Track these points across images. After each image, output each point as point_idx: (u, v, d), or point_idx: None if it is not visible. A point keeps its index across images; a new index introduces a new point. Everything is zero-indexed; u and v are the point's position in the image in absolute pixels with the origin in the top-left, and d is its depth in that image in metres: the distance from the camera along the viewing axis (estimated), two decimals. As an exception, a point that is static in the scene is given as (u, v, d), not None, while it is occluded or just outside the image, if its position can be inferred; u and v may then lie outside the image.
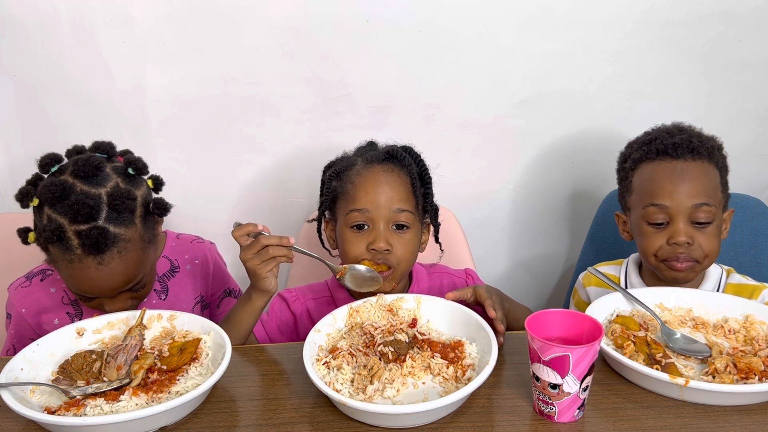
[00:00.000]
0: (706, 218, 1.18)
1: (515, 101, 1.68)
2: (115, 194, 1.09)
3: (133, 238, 1.11)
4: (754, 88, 1.69)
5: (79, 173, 1.08)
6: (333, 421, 0.91)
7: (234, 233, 1.11)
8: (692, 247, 1.18)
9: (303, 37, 1.59)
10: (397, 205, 1.20)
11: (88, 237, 1.05)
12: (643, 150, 1.26)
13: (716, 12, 1.60)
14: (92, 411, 0.90)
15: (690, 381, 0.89)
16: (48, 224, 1.06)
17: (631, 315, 1.12)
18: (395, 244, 1.19)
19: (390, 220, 1.20)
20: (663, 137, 1.24)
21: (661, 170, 1.22)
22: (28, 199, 1.09)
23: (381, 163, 1.23)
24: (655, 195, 1.20)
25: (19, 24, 1.57)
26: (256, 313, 1.16)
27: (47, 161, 1.12)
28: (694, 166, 1.20)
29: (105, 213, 1.08)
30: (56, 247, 1.07)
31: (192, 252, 1.39)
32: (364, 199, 1.19)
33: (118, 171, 1.14)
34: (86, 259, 1.07)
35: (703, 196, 1.18)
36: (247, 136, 1.70)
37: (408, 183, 1.23)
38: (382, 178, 1.21)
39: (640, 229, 1.24)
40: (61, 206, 1.06)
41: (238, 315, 1.17)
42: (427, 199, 1.27)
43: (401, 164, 1.24)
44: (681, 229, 1.18)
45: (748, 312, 1.09)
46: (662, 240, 1.20)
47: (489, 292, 1.12)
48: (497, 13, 1.59)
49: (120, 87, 1.63)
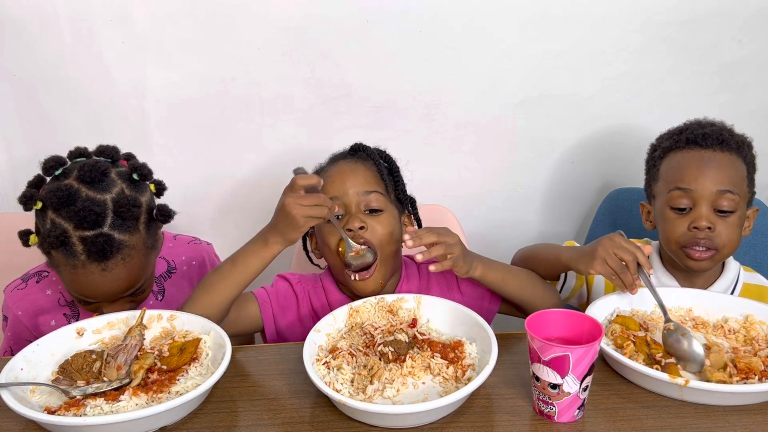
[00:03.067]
0: (729, 206, 1.18)
1: (515, 101, 1.69)
2: (121, 201, 1.09)
3: (137, 244, 1.11)
4: (754, 88, 1.69)
5: (85, 178, 1.08)
6: (333, 421, 0.91)
7: (298, 179, 1.07)
8: (713, 233, 1.18)
9: (303, 37, 1.59)
10: (365, 188, 1.20)
11: (94, 244, 1.05)
12: (673, 139, 1.27)
13: (716, 12, 1.60)
14: (92, 411, 0.90)
15: (690, 381, 0.89)
16: (52, 229, 1.06)
17: (631, 315, 1.12)
18: (370, 224, 1.18)
19: (361, 203, 1.20)
20: (694, 128, 1.26)
21: (688, 157, 1.23)
22: (31, 202, 1.08)
23: (345, 158, 1.26)
24: (680, 179, 1.21)
25: (19, 24, 1.57)
26: (268, 259, 1.11)
27: (51, 164, 1.11)
28: (722, 156, 1.21)
29: (110, 219, 1.08)
30: (60, 252, 1.06)
31: (189, 253, 1.39)
32: (332, 188, 1.20)
33: (123, 176, 1.14)
34: (90, 266, 1.07)
35: (728, 183, 1.19)
36: (247, 136, 1.70)
37: (375, 170, 1.25)
38: (346, 168, 1.23)
39: (663, 214, 1.24)
40: (66, 211, 1.05)
41: (248, 257, 1.12)
42: (398, 187, 1.27)
43: (365, 155, 1.27)
44: (703, 214, 1.18)
45: (748, 312, 1.09)
46: (684, 225, 1.20)
47: (436, 229, 1.09)
48: (497, 13, 1.59)
49: (120, 87, 1.63)
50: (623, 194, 1.65)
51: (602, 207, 1.68)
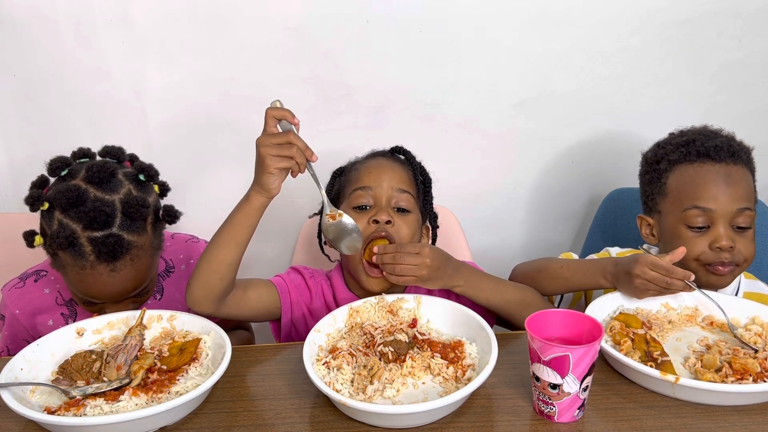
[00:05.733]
0: (747, 223, 1.17)
1: (515, 101, 1.69)
2: (130, 201, 1.09)
3: (145, 245, 1.12)
4: (754, 88, 1.69)
5: (93, 179, 1.08)
6: (333, 421, 0.91)
7: (269, 111, 1.04)
8: (734, 251, 1.17)
9: (303, 37, 1.59)
10: (399, 185, 1.21)
11: (104, 244, 1.05)
12: (681, 151, 1.23)
13: (716, 12, 1.60)
14: (92, 411, 0.90)
15: (680, 378, 0.90)
16: (60, 230, 1.06)
17: (635, 313, 1.12)
18: (397, 221, 1.19)
19: (392, 199, 1.21)
20: (701, 139, 1.22)
21: (703, 173, 1.19)
22: (38, 203, 1.08)
23: (385, 155, 1.29)
24: (698, 198, 1.18)
25: (19, 24, 1.57)
26: (253, 214, 1.07)
27: (57, 165, 1.11)
28: (736, 170, 1.19)
29: (119, 220, 1.08)
30: (68, 253, 1.06)
31: (187, 252, 1.39)
32: (367, 178, 1.22)
33: (130, 177, 1.14)
34: (99, 266, 1.07)
35: (746, 200, 1.18)
36: (247, 136, 1.70)
37: (410, 173, 1.26)
38: (385, 163, 1.25)
39: (677, 232, 1.21)
40: (75, 212, 1.05)
41: (236, 215, 1.08)
42: (426, 198, 1.29)
43: (405, 159, 1.29)
44: (723, 234, 1.16)
45: (754, 314, 1.10)
46: (704, 244, 1.17)
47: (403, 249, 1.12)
48: (497, 13, 1.59)
49: (120, 87, 1.63)
50: (623, 194, 1.65)
51: (602, 207, 1.68)
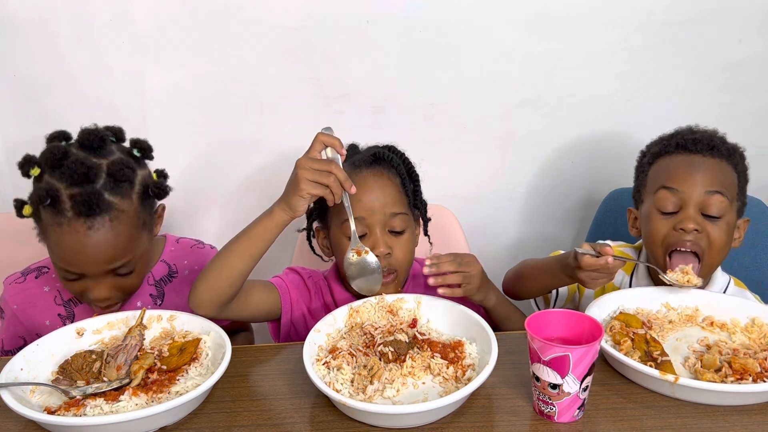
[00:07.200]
0: (718, 211, 1.16)
1: (515, 101, 1.68)
2: (116, 163, 1.09)
3: (128, 210, 1.11)
4: (754, 88, 1.69)
5: (83, 143, 1.09)
6: (333, 421, 0.91)
7: (320, 135, 1.07)
8: (700, 235, 1.16)
9: (303, 37, 1.59)
10: (391, 209, 1.18)
11: (83, 199, 1.05)
12: (662, 144, 1.26)
13: (716, 12, 1.60)
14: (92, 411, 0.90)
15: (680, 378, 0.90)
16: (44, 187, 1.06)
17: (635, 313, 1.12)
18: (394, 247, 1.19)
19: (386, 225, 1.19)
20: (684, 133, 1.25)
21: (677, 160, 1.22)
22: (29, 165, 1.09)
23: (369, 167, 1.21)
24: (668, 179, 1.20)
25: (19, 24, 1.57)
26: (273, 230, 1.08)
27: (55, 135, 1.13)
28: (711, 161, 1.19)
29: (103, 180, 1.08)
30: (48, 210, 1.06)
31: (192, 257, 1.37)
32: (358, 207, 1.16)
33: (123, 150, 1.14)
34: (75, 222, 1.06)
35: (717, 184, 1.17)
36: (247, 136, 1.70)
37: (398, 184, 1.22)
38: (372, 183, 1.19)
39: (649, 216, 1.22)
40: (59, 171, 1.06)
41: (255, 226, 1.09)
42: (416, 196, 1.27)
43: (389, 165, 1.23)
44: (690, 215, 1.16)
45: (754, 315, 1.10)
46: (669, 226, 1.18)
47: (460, 258, 1.12)
48: (497, 13, 1.59)
49: (120, 87, 1.63)
50: (623, 194, 1.65)
51: (602, 206, 1.68)
